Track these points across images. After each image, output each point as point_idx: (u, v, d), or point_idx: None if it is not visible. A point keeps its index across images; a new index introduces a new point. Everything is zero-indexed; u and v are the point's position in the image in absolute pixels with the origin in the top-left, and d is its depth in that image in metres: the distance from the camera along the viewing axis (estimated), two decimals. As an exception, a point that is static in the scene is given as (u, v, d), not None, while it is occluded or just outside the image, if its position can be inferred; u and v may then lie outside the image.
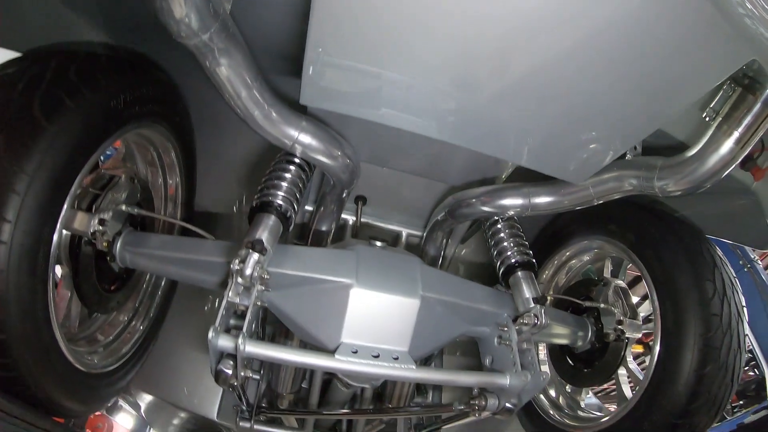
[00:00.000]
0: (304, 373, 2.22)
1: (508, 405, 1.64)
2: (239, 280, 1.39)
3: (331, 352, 1.45)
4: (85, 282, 1.61)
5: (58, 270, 1.58)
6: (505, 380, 1.60)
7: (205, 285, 1.62)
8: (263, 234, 1.45)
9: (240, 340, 1.33)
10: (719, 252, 1.85)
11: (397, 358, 1.48)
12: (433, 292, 1.56)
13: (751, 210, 1.83)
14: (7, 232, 1.18)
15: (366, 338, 1.49)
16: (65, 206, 1.33)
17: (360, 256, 1.56)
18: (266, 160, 1.93)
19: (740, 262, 7.73)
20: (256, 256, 1.37)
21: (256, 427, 2.33)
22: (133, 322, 1.93)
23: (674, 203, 1.90)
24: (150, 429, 4.24)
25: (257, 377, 2.21)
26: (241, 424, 2.33)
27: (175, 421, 3.30)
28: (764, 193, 1.77)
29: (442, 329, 1.63)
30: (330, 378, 2.13)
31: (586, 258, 2.29)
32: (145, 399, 3.13)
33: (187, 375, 2.48)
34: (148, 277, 2.00)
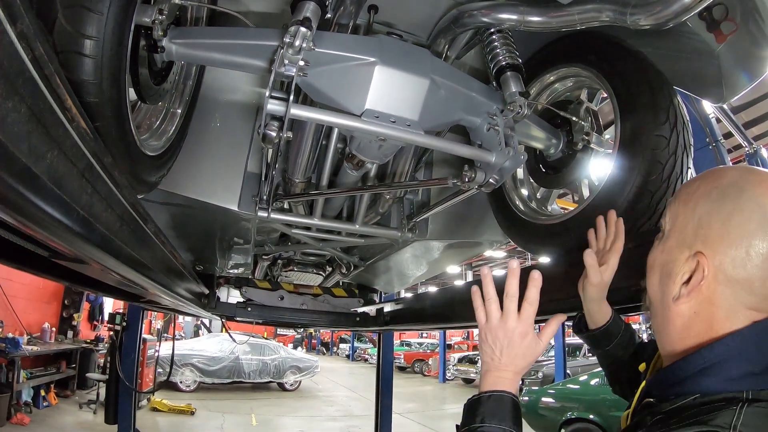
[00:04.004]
0: (315, 162, 2.61)
1: (491, 180, 2.06)
2: (289, 51, 1.67)
3: (358, 116, 1.82)
4: (141, 71, 1.77)
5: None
6: (492, 156, 2.01)
7: (246, 68, 1.87)
8: (308, 15, 1.70)
9: (291, 98, 1.71)
10: (679, 97, 2.16)
11: (409, 125, 1.86)
12: (439, 75, 1.90)
13: (712, 70, 2.15)
14: (106, 4, 1.29)
15: (385, 107, 1.85)
16: None
17: (382, 42, 1.88)
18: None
19: (707, 139, 8.18)
20: (304, 29, 1.64)
21: (273, 215, 2.77)
22: (172, 109, 2.21)
23: (650, 55, 2.17)
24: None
25: (274, 172, 2.58)
26: (260, 213, 2.76)
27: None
28: (725, 57, 2.07)
29: (444, 110, 1.99)
30: (339, 163, 2.52)
31: (568, 84, 2.60)
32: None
33: (210, 173, 2.83)
34: (179, 69, 2.23)
